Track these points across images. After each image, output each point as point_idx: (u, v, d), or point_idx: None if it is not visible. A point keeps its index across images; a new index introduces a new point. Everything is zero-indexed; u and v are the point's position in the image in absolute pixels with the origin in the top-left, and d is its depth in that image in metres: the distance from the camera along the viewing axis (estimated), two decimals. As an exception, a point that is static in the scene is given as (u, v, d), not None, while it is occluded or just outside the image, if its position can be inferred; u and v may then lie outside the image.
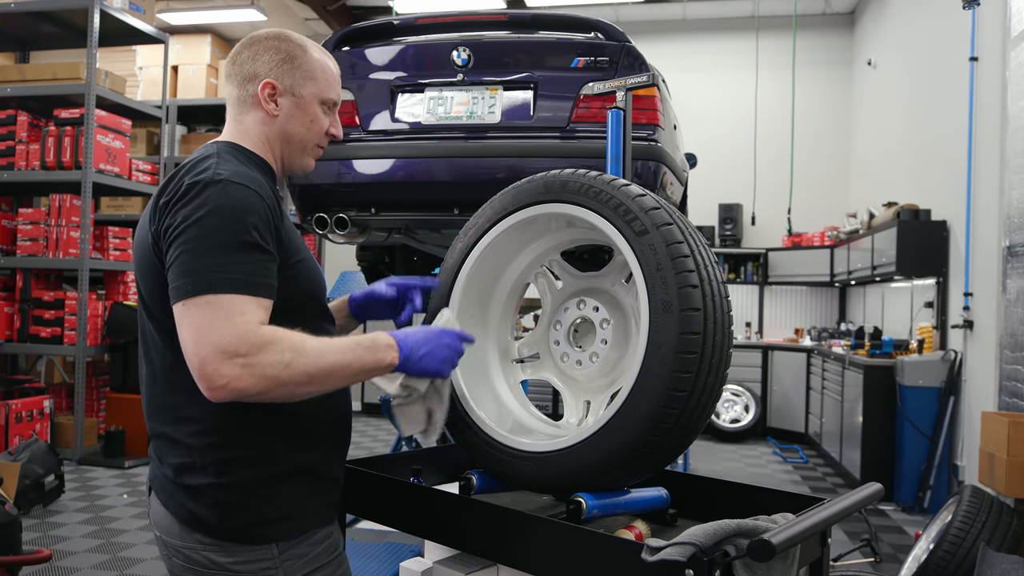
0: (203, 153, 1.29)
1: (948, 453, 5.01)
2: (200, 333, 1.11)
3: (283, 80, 1.37)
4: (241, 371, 1.09)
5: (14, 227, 5.95)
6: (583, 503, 1.36)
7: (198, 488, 1.24)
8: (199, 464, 1.24)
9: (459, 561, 1.40)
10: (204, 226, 1.16)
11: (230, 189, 1.19)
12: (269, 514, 1.26)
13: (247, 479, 1.25)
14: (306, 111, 1.39)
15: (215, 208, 1.17)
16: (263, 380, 1.11)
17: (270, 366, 1.11)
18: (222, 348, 1.09)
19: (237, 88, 1.38)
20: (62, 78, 5.88)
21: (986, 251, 4.69)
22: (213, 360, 1.09)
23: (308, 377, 1.15)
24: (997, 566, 3.05)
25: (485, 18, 2.77)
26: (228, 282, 1.14)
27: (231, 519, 1.24)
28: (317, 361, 1.16)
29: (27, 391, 5.79)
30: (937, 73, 5.78)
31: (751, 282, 8.56)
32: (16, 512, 3.33)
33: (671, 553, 1.03)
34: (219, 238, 1.15)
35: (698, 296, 1.31)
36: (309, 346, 1.16)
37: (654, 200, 1.40)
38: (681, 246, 1.33)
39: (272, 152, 1.40)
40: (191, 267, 1.14)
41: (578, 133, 2.51)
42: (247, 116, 1.39)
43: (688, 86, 8.15)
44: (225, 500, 1.24)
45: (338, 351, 1.19)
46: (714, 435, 7.56)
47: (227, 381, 1.09)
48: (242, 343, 1.10)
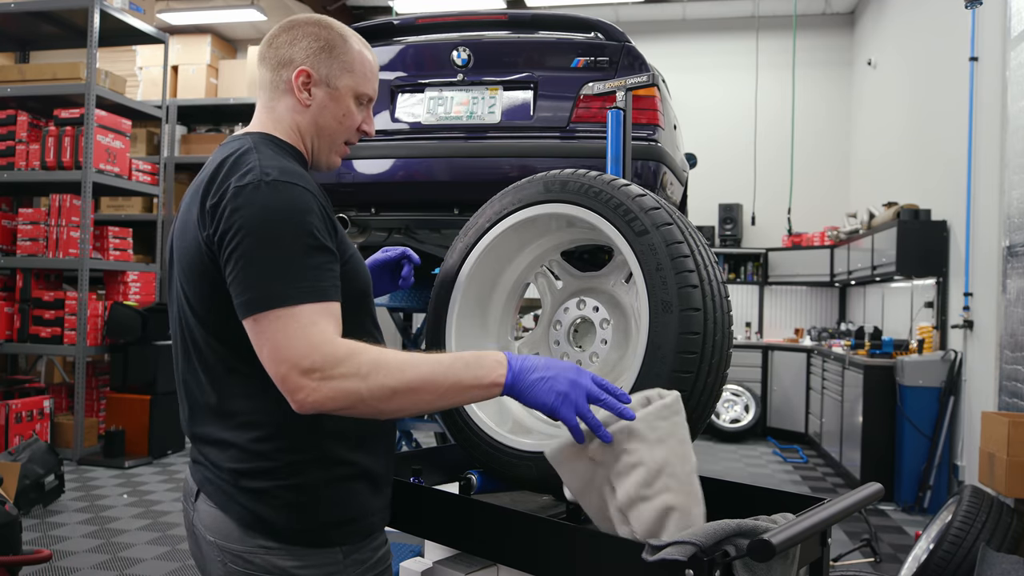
0: (238, 147, 1.23)
1: (948, 453, 5.01)
2: (277, 350, 1.08)
3: (319, 69, 1.30)
4: (319, 385, 1.06)
5: (14, 227, 5.95)
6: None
7: (266, 491, 1.20)
8: (265, 467, 1.20)
9: (459, 561, 1.40)
10: (263, 234, 1.11)
11: (281, 189, 1.14)
12: (337, 516, 1.22)
13: (316, 480, 1.21)
14: (340, 104, 1.33)
15: (271, 213, 1.12)
16: (341, 394, 1.07)
17: (347, 380, 1.07)
18: (298, 364, 1.07)
19: (271, 72, 1.32)
20: (62, 78, 5.88)
21: (986, 251, 4.69)
22: (292, 376, 1.07)
23: (390, 391, 1.09)
24: (997, 566, 3.05)
25: (485, 18, 2.77)
26: (298, 292, 1.09)
27: (300, 521, 1.20)
28: (400, 375, 1.10)
29: (27, 391, 5.79)
30: (937, 73, 5.78)
31: (751, 282, 8.56)
32: (16, 512, 3.33)
33: (671, 552, 1.03)
34: (281, 245, 1.11)
35: (698, 296, 1.31)
36: (391, 359, 1.10)
37: (654, 200, 1.40)
38: (681, 246, 1.33)
39: (304, 142, 1.34)
40: (257, 280, 1.10)
41: (578, 133, 2.51)
42: (279, 103, 1.33)
43: (688, 86, 8.15)
44: (295, 501, 1.20)
45: (428, 365, 1.12)
46: (714, 435, 7.56)
47: (306, 395, 1.07)
48: (319, 357, 1.07)
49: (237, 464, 1.21)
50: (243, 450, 1.20)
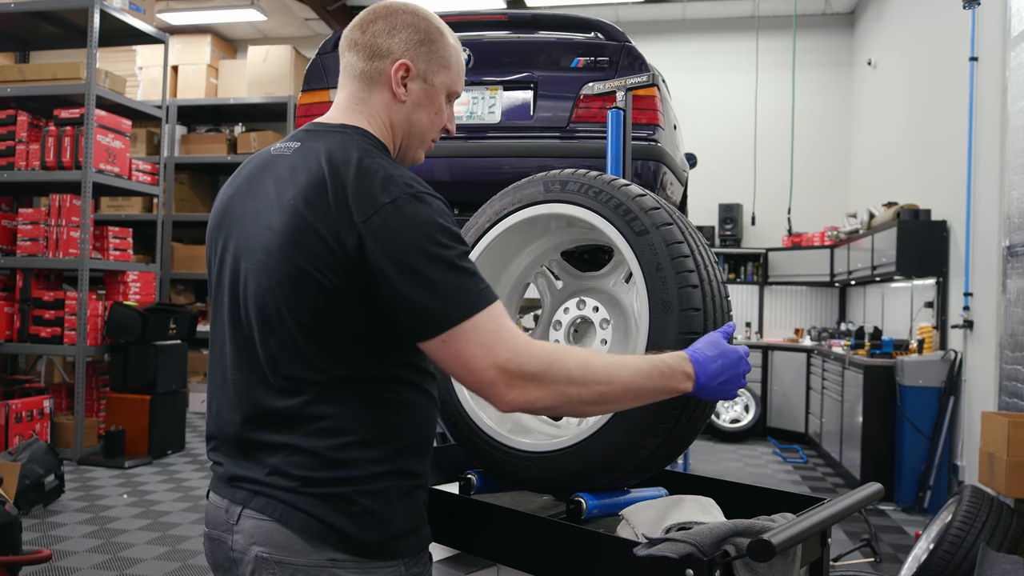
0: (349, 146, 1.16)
1: (948, 453, 5.01)
2: (476, 360, 1.08)
3: (418, 63, 1.25)
4: (529, 390, 1.08)
5: (14, 227, 5.95)
6: (583, 503, 1.36)
7: (343, 496, 1.13)
8: (345, 475, 1.14)
9: (459, 561, 1.40)
10: (431, 251, 1.08)
11: (429, 202, 1.12)
12: (405, 527, 1.19)
13: (392, 489, 1.17)
14: (433, 102, 1.28)
15: (429, 227, 1.09)
16: (550, 395, 1.10)
17: (558, 383, 1.09)
18: (505, 367, 1.07)
19: (364, 61, 1.24)
20: (62, 78, 5.88)
21: (986, 251, 4.69)
22: (500, 379, 1.08)
23: (597, 395, 1.12)
24: (997, 566, 3.05)
25: (485, 18, 2.77)
26: (477, 300, 1.09)
27: (375, 530, 1.15)
28: (608, 382, 1.13)
29: (27, 391, 5.79)
30: (937, 73, 5.78)
31: (751, 282, 8.56)
32: (16, 512, 3.33)
33: (663, 549, 1.03)
34: (448, 259, 1.09)
35: (698, 296, 1.31)
36: (597, 363, 1.14)
37: (654, 200, 1.40)
38: (681, 246, 1.33)
39: (393, 139, 1.28)
40: (437, 298, 1.07)
41: (578, 133, 2.51)
42: (373, 95, 1.25)
43: (688, 86, 8.16)
44: (369, 509, 1.14)
45: (632, 371, 1.15)
46: (714, 435, 7.56)
47: (516, 396, 1.08)
48: (525, 359, 1.08)
49: (310, 472, 1.13)
50: (320, 456, 1.14)
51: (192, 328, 6.26)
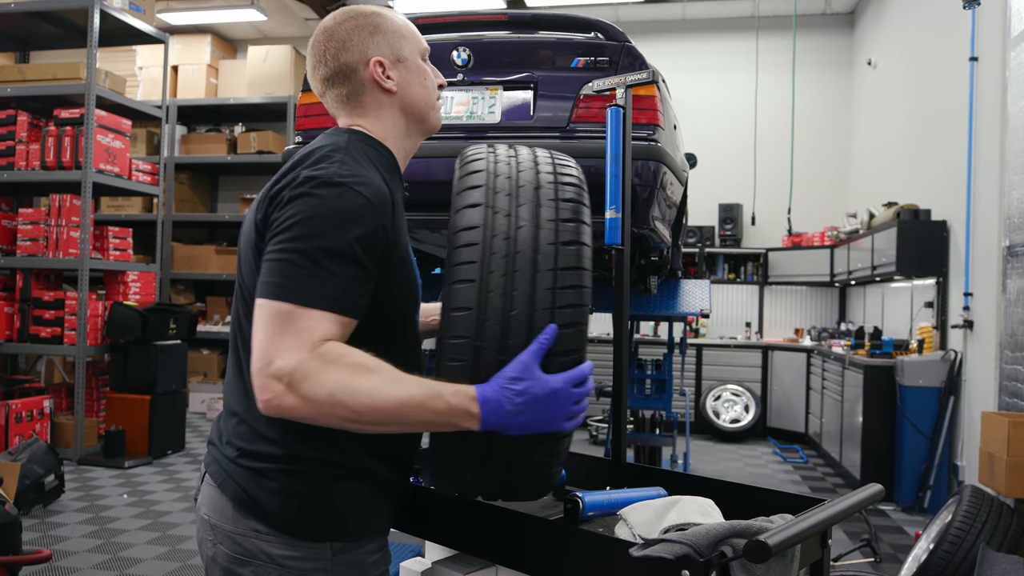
0: (330, 143, 1.22)
1: (948, 453, 5.01)
2: (265, 342, 1.06)
3: (383, 51, 1.30)
4: (286, 393, 1.04)
5: (14, 227, 5.95)
6: (580, 503, 1.36)
7: (263, 472, 1.18)
8: (269, 449, 1.19)
9: (458, 561, 1.40)
10: (309, 228, 1.09)
11: (346, 196, 1.12)
12: (330, 511, 1.20)
13: (317, 473, 1.19)
14: (417, 70, 1.33)
15: (325, 211, 1.10)
16: (305, 406, 1.05)
17: (316, 394, 1.04)
18: (275, 364, 1.05)
19: (343, 86, 1.30)
20: (62, 78, 5.88)
21: (986, 251, 4.69)
22: (264, 374, 1.05)
23: (356, 416, 1.06)
24: (997, 566, 3.05)
25: (485, 18, 2.77)
26: (314, 295, 1.07)
27: (290, 509, 1.18)
28: (369, 400, 1.06)
29: (27, 391, 5.79)
30: (937, 73, 5.78)
31: (751, 282, 8.56)
32: (16, 512, 3.33)
33: (659, 550, 1.03)
34: (320, 245, 1.09)
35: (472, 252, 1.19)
36: (364, 382, 1.06)
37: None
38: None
39: (398, 137, 1.33)
40: (284, 269, 1.08)
41: (578, 133, 2.51)
42: (366, 107, 1.31)
43: (688, 86, 8.15)
44: (290, 488, 1.18)
45: (398, 399, 1.08)
46: (714, 435, 7.56)
47: (270, 397, 1.05)
48: (296, 363, 1.04)
49: (246, 444, 1.20)
50: (251, 428, 1.20)
51: (192, 328, 6.26)
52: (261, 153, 8.18)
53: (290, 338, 1.05)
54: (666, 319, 4.48)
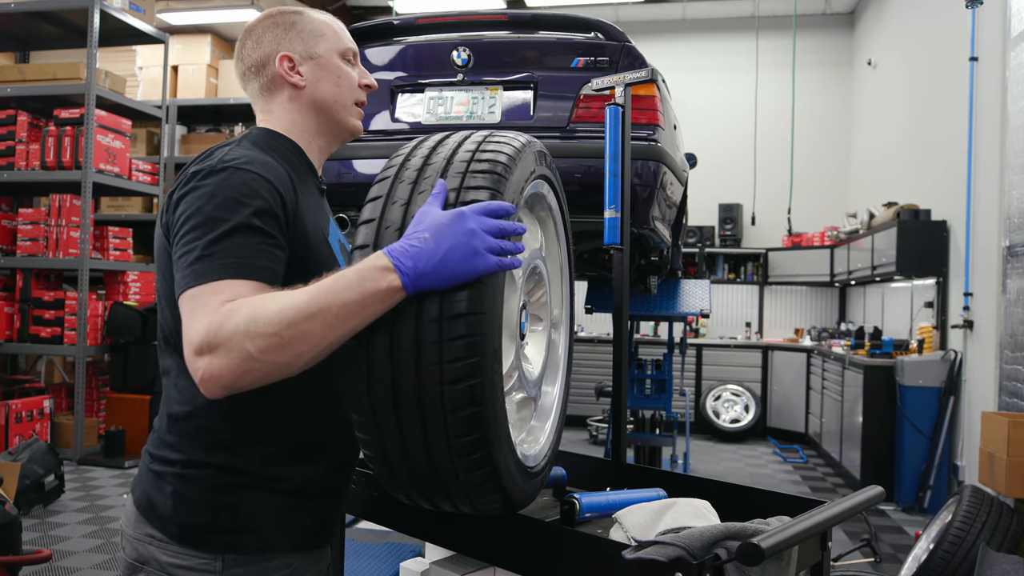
0: (224, 143, 1.22)
1: (948, 453, 5.01)
2: (184, 332, 1.02)
3: (295, 48, 1.30)
4: (211, 359, 0.97)
5: (14, 227, 5.95)
6: (576, 504, 1.36)
7: (161, 475, 1.17)
8: (169, 454, 1.17)
9: (456, 562, 1.40)
10: (202, 216, 1.07)
11: (233, 176, 1.10)
12: (224, 520, 1.15)
13: (212, 478, 1.15)
14: (330, 68, 1.32)
15: (214, 195, 1.08)
16: (232, 361, 0.97)
17: (232, 345, 0.96)
18: (194, 341, 0.99)
19: (256, 80, 1.32)
20: (62, 78, 5.87)
21: (986, 251, 4.68)
22: (191, 358, 1.00)
23: (278, 340, 0.97)
24: (997, 566, 3.05)
25: (485, 18, 2.76)
26: (215, 269, 1.03)
27: (183, 515, 1.14)
28: (280, 317, 0.97)
29: (27, 391, 5.79)
30: (937, 73, 5.78)
31: (751, 282, 8.56)
32: (16, 512, 3.33)
33: (652, 552, 1.03)
34: (216, 228, 1.05)
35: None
36: (268, 304, 0.99)
37: None
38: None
39: (306, 132, 1.32)
40: (187, 262, 1.05)
41: (578, 133, 2.51)
42: (274, 103, 1.32)
43: (688, 86, 8.15)
44: (183, 493, 1.14)
45: (306, 295, 0.99)
46: (714, 435, 7.56)
47: (202, 375, 0.98)
48: (207, 329, 0.98)
49: (151, 447, 1.21)
50: (158, 434, 1.21)
51: (192, 328, 6.25)
52: (261, 153, 8.18)
53: (199, 313, 1.00)
54: (666, 319, 4.48)
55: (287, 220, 1.14)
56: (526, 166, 1.19)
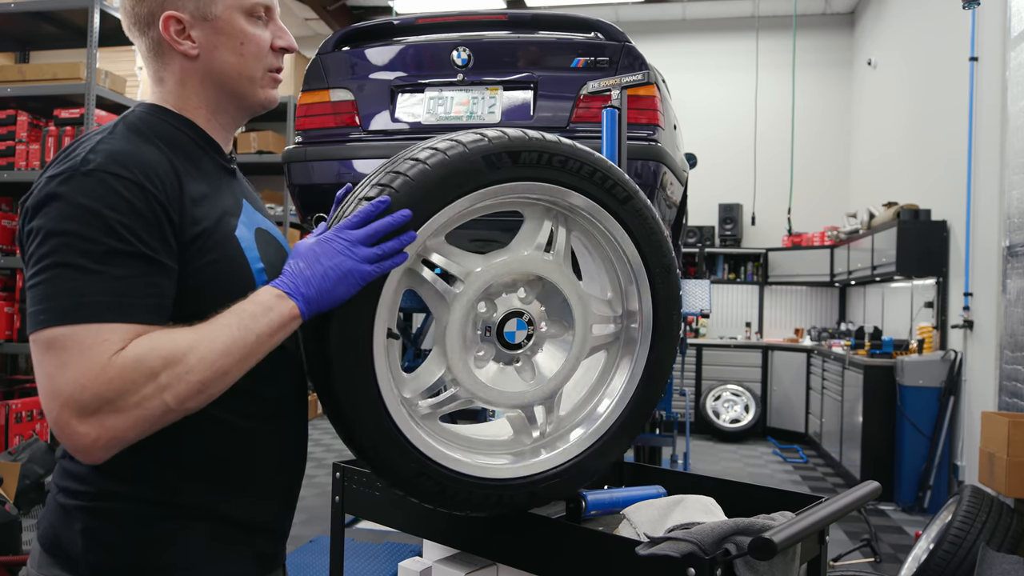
0: (97, 129, 1.03)
1: (948, 453, 5.01)
2: (50, 381, 0.86)
3: (184, 6, 1.05)
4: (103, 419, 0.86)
5: (14, 227, 5.95)
6: (583, 502, 1.36)
7: (68, 510, 1.00)
8: (77, 486, 1.01)
9: (459, 560, 1.40)
10: (61, 234, 0.89)
11: (99, 183, 0.92)
12: (149, 558, 1.00)
13: (129, 510, 1.00)
14: (230, 33, 1.07)
15: (74, 209, 0.90)
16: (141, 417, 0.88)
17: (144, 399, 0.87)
18: (75, 399, 0.85)
19: (142, 38, 1.08)
20: (62, 78, 5.88)
21: (986, 251, 4.69)
22: (65, 416, 0.86)
23: (199, 386, 0.90)
24: (997, 566, 3.05)
25: (485, 18, 2.77)
26: (84, 307, 0.87)
27: (98, 554, 0.99)
28: (200, 360, 0.90)
29: (27, 391, 5.79)
30: (937, 73, 5.78)
31: (751, 282, 8.57)
32: (16, 512, 3.33)
33: (665, 548, 1.03)
34: (77, 248, 0.89)
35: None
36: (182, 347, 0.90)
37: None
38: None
39: (203, 108, 1.10)
40: (43, 292, 0.89)
41: (578, 133, 2.51)
42: (165, 70, 1.09)
43: (688, 86, 8.15)
44: (96, 530, 0.99)
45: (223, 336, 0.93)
46: (714, 435, 7.56)
47: (93, 439, 0.86)
48: (99, 386, 0.85)
49: (60, 479, 1.04)
50: (63, 467, 1.04)
51: (192, 328, 6.25)
52: (261, 153, 8.18)
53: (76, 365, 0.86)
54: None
55: (173, 225, 0.97)
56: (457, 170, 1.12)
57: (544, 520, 1.26)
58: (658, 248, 1.30)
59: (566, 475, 1.26)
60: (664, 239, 1.31)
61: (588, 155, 1.23)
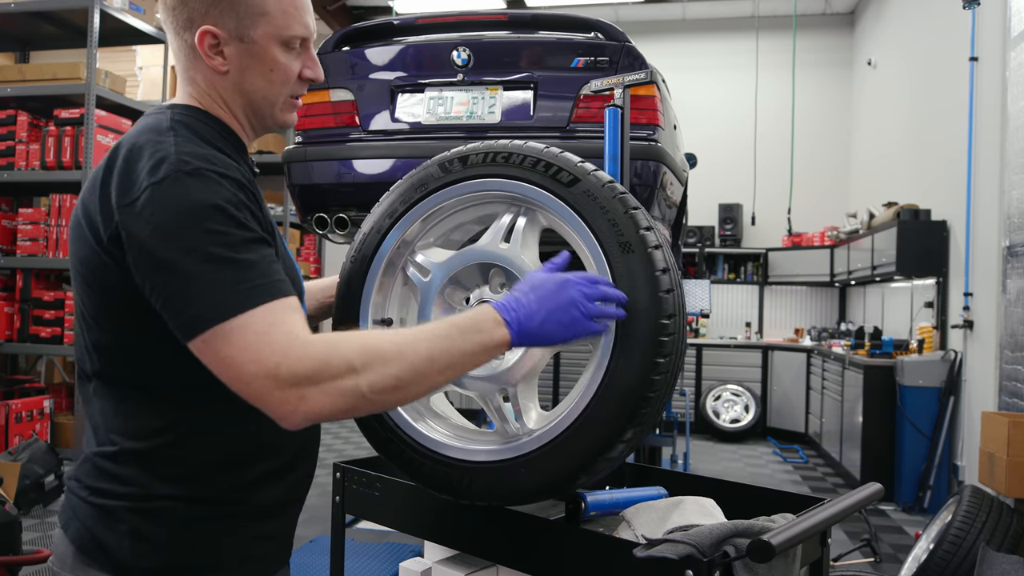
0: (154, 125, 1.03)
1: (948, 453, 5.01)
2: (242, 367, 0.90)
3: (224, 23, 1.05)
4: (308, 393, 0.90)
5: (14, 227, 5.95)
6: (582, 503, 1.36)
7: (112, 511, 1.01)
8: (121, 488, 1.02)
9: (459, 561, 1.40)
10: (191, 239, 0.92)
11: (205, 180, 0.95)
12: (195, 557, 1.03)
13: (177, 511, 1.02)
14: (263, 58, 1.08)
15: (194, 209, 0.93)
16: (339, 398, 0.92)
17: (341, 380, 0.92)
18: (275, 376, 0.90)
19: (174, 37, 1.09)
20: (62, 78, 5.87)
21: (986, 251, 4.69)
22: (271, 391, 0.90)
23: (393, 380, 0.94)
24: (997, 566, 3.05)
25: (485, 18, 2.77)
26: (246, 297, 0.92)
27: (146, 556, 1.00)
28: (401, 360, 0.95)
29: (27, 391, 5.79)
30: (937, 73, 5.78)
31: (751, 282, 8.56)
32: (16, 512, 3.33)
33: (663, 550, 1.03)
34: (211, 248, 0.92)
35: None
36: (384, 345, 0.95)
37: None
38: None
39: (234, 113, 1.13)
40: (194, 295, 0.92)
41: (578, 133, 2.51)
42: (196, 72, 1.10)
43: (688, 86, 8.15)
44: (144, 531, 1.00)
45: (426, 341, 0.97)
46: (714, 435, 7.56)
47: (294, 408, 0.91)
48: (294, 360, 0.90)
49: (92, 480, 1.04)
50: (98, 463, 1.04)
51: (192, 328, 6.24)
52: (261, 153, 8.18)
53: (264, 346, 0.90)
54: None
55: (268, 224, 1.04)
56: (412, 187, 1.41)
57: (543, 521, 1.25)
58: (611, 226, 1.23)
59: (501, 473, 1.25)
60: (622, 217, 1.22)
61: (528, 148, 1.33)
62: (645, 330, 1.16)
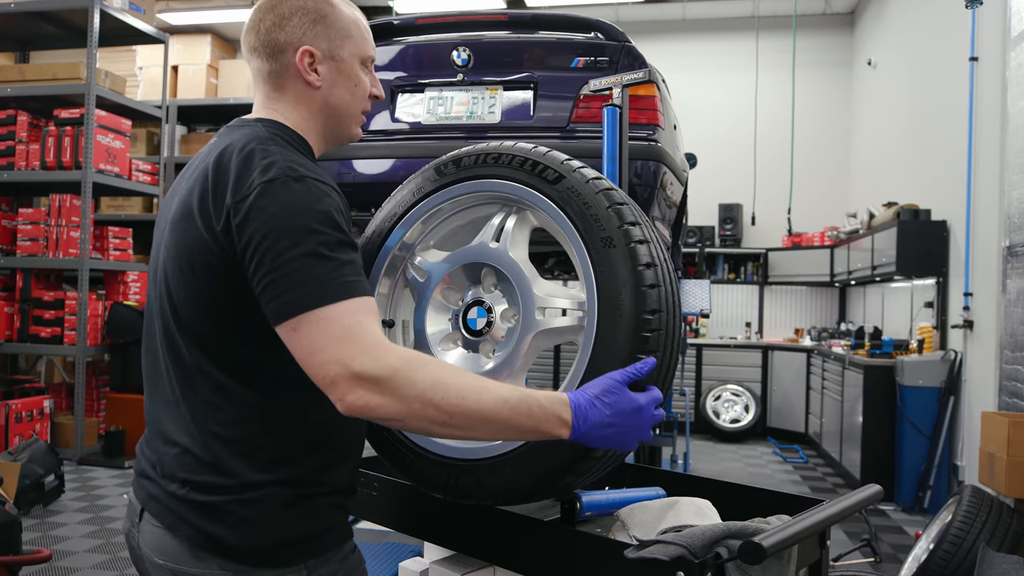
0: (253, 135, 1.15)
1: (948, 453, 5.01)
2: (321, 353, 1.01)
3: (319, 44, 1.22)
4: (371, 393, 0.99)
5: (14, 227, 5.95)
6: (578, 503, 1.36)
7: (216, 505, 1.10)
8: (220, 480, 1.11)
9: (456, 562, 1.40)
10: (295, 233, 1.03)
11: (310, 186, 1.08)
12: (300, 533, 1.14)
13: (273, 495, 1.12)
14: (349, 75, 1.25)
15: (302, 210, 1.05)
16: (396, 406, 1.00)
17: (401, 394, 1.00)
18: (349, 367, 0.99)
19: (266, 61, 1.23)
20: (62, 78, 5.87)
21: (986, 251, 4.68)
22: (343, 380, 1.00)
23: (445, 417, 1.02)
24: (997, 566, 3.05)
25: (485, 18, 2.76)
26: (335, 290, 1.02)
27: (258, 538, 1.11)
28: (460, 403, 1.02)
29: (27, 391, 5.79)
30: (937, 73, 5.78)
31: (751, 282, 8.56)
32: (16, 512, 3.33)
33: (654, 552, 1.03)
34: (313, 244, 1.03)
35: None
36: (455, 381, 1.03)
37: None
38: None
39: (314, 130, 1.27)
40: (292, 283, 1.02)
41: (578, 133, 2.51)
42: (286, 92, 1.24)
43: (688, 86, 8.15)
44: (248, 518, 1.11)
45: (495, 400, 1.04)
46: (714, 435, 7.56)
47: (356, 399, 1.00)
48: (370, 362, 0.99)
49: (188, 474, 1.12)
50: (200, 461, 1.12)
51: (192, 328, 6.25)
52: (261, 153, 8.18)
53: (346, 338, 1.01)
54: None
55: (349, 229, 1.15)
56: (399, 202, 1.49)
57: (539, 522, 1.25)
58: (593, 221, 1.22)
59: (485, 471, 1.26)
60: (604, 212, 1.22)
61: (516, 148, 1.37)
62: (626, 326, 1.16)
